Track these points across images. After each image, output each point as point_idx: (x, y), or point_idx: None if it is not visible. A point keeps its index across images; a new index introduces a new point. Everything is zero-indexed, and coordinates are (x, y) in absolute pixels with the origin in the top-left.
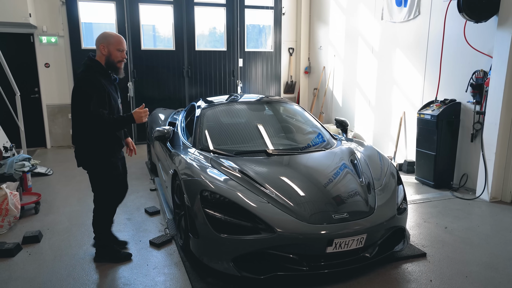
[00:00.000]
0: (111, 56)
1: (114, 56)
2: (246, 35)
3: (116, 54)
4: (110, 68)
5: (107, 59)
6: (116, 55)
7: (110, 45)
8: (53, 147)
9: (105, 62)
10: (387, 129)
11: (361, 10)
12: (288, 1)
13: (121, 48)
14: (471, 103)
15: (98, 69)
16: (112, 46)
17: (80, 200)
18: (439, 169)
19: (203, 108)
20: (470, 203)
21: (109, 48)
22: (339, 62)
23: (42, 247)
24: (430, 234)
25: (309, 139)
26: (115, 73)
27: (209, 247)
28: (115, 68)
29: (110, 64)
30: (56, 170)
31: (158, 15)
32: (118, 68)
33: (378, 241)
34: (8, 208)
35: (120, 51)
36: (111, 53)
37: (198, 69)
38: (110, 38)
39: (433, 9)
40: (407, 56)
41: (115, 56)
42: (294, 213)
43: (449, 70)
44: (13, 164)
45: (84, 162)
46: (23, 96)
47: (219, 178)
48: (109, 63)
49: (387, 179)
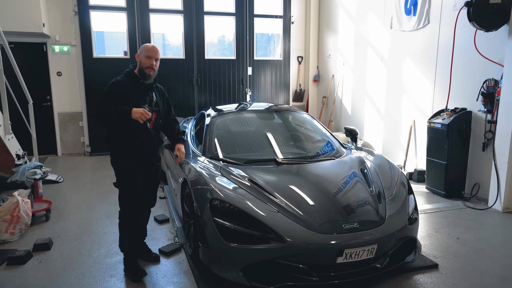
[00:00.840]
0: (141, 62)
1: (143, 62)
2: (255, 44)
3: (144, 61)
4: (141, 75)
5: (139, 66)
6: (145, 61)
7: (141, 53)
8: (64, 154)
9: (138, 70)
10: (396, 138)
11: (370, 18)
12: (297, 10)
13: (149, 54)
14: (482, 112)
15: (130, 76)
16: (142, 53)
17: (90, 207)
18: (450, 178)
19: (213, 116)
20: (483, 213)
21: (140, 56)
22: (348, 71)
23: (53, 254)
24: (442, 244)
25: (318, 148)
26: (143, 78)
27: (219, 256)
28: (144, 74)
29: (140, 70)
30: (67, 177)
31: (168, 24)
32: (146, 75)
33: (389, 251)
34: (20, 216)
35: (148, 57)
36: (141, 59)
37: (207, 77)
38: (143, 47)
39: (442, 18)
40: (417, 64)
41: (143, 62)
42: (303, 223)
43: (459, 79)
44: (25, 172)
45: (111, 161)
46: (35, 104)
47: (228, 186)
48: (139, 70)
49: (398, 189)
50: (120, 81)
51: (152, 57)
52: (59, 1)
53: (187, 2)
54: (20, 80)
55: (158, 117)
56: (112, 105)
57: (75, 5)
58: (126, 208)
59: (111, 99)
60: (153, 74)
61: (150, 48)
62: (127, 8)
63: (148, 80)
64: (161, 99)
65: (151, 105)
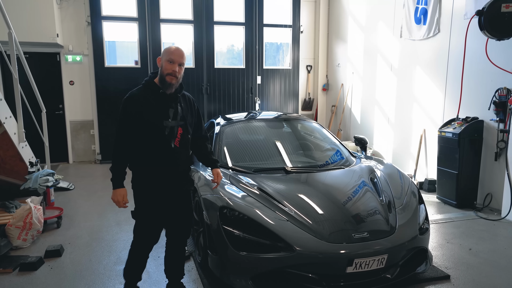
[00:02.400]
0: (162, 68)
1: (164, 68)
2: (265, 53)
3: (166, 66)
4: (161, 83)
5: (160, 73)
6: (166, 67)
7: (163, 56)
8: (75, 162)
9: (159, 77)
10: (407, 147)
11: (380, 27)
12: (306, 19)
13: (171, 58)
14: (494, 121)
15: (150, 85)
16: (164, 57)
17: (100, 215)
18: (462, 188)
19: (222, 125)
20: (496, 224)
21: (162, 59)
22: (358, 79)
23: (64, 261)
24: (454, 255)
25: (327, 157)
26: (164, 87)
27: (228, 264)
28: (164, 82)
29: (161, 78)
30: (78, 185)
31: (178, 33)
32: (166, 83)
33: (400, 261)
34: (32, 222)
35: (170, 62)
36: (162, 64)
37: (217, 86)
38: (165, 50)
39: (453, 26)
40: (427, 73)
41: (164, 68)
42: (313, 231)
43: (470, 88)
44: (38, 179)
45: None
46: (48, 112)
47: (237, 195)
48: (160, 77)
49: (408, 198)
50: (134, 96)
51: (175, 61)
52: (73, 12)
53: (198, 12)
54: (34, 89)
55: (185, 132)
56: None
57: (88, 16)
58: (140, 241)
59: (128, 127)
60: (176, 83)
61: (173, 51)
62: (138, 18)
63: (170, 89)
64: (189, 110)
65: (176, 119)
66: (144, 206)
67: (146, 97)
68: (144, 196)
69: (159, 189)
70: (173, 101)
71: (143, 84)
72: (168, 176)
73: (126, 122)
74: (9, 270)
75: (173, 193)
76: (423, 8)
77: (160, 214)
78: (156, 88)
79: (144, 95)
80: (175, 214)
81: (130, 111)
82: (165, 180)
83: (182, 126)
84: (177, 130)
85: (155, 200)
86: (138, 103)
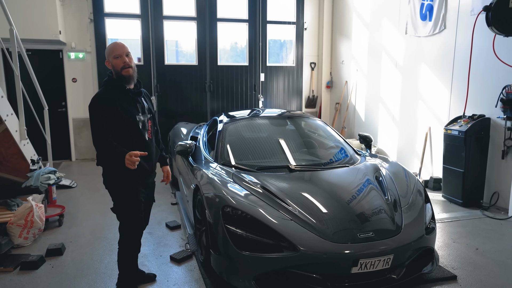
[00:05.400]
0: (114, 67)
1: (116, 66)
2: (268, 50)
3: (115, 62)
4: (121, 80)
5: (114, 72)
6: (116, 63)
7: (109, 57)
8: (78, 159)
9: (116, 76)
10: (412, 145)
11: (385, 24)
12: (310, 16)
13: (115, 54)
14: (501, 119)
15: (113, 84)
16: (110, 57)
17: (102, 213)
18: (468, 187)
19: (225, 122)
20: (503, 223)
21: (109, 60)
22: (362, 77)
23: (65, 260)
24: (460, 255)
25: (331, 155)
26: (125, 83)
27: (230, 264)
28: (122, 77)
29: (118, 76)
30: (80, 182)
31: (181, 30)
32: (125, 77)
33: (406, 262)
34: (34, 220)
35: (116, 57)
36: (112, 64)
37: (220, 83)
38: (106, 51)
39: (459, 23)
40: (433, 70)
41: (116, 65)
42: (316, 231)
43: (477, 85)
44: (39, 177)
45: (105, 182)
46: (51, 110)
47: (240, 193)
48: (117, 75)
49: (414, 197)
50: (104, 96)
51: (121, 54)
52: (75, 9)
53: (201, 9)
54: (36, 86)
55: (153, 124)
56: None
57: (91, 13)
58: (129, 237)
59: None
60: (134, 73)
61: (114, 47)
62: (141, 15)
63: (132, 82)
64: (150, 104)
65: (145, 113)
66: (125, 198)
67: (114, 95)
68: (125, 190)
69: (138, 181)
70: (139, 95)
71: (104, 86)
72: (145, 167)
73: (102, 121)
74: (10, 269)
75: (147, 183)
76: (429, 4)
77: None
78: (121, 85)
79: (111, 94)
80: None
81: (105, 109)
82: (143, 171)
83: (151, 119)
84: (147, 124)
85: (136, 192)
86: (110, 102)
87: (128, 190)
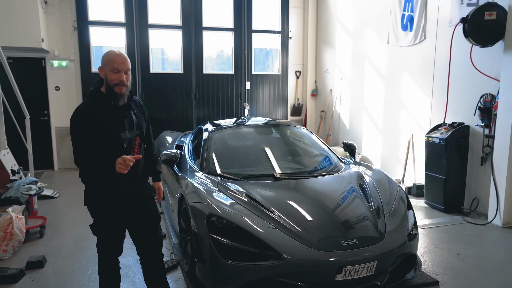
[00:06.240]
0: (108, 80)
1: (109, 79)
2: (254, 59)
3: (111, 76)
4: (110, 94)
5: (106, 84)
6: (112, 78)
7: (105, 66)
8: (61, 169)
9: (106, 89)
10: (395, 152)
11: (368, 34)
12: (294, 25)
13: (114, 67)
14: (479, 127)
15: (98, 97)
16: (106, 67)
17: (86, 223)
18: (449, 193)
19: (211, 131)
20: (482, 229)
21: (105, 69)
22: (346, 85)
23: (46, 272)
24: (442, 261)
25: (316, 163)
26: (114, 99)
27: (216, 273)
28: (113, 93)
29: (108, 89)
30: (63, 192)
31: (167, 39)
32: (116, 94)
33: (389, 268)
34: (13, 232)
35: (114, 72)
36: (106, 75)
37: (205, 91)
38: (105, 58)
39: (439, 33)
40: (414, 79)
41: (110, 79)
42: (301, 239)
43: (456, 94)
44: (20, 188)
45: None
46: (33, 118)
47: (226, 202)
48: (107, 88)
49: (397, 204)
50: (85, 110)
51: (121, 70)
52: (59, 17)
53: (186, 17)
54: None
55: (142, 141)
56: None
57: (75, 21)
58: (104, 256)
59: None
60: (126, 91)
61: (114, 59)
62: (126, 23)
63: (122, 100)
64: (142, 117)
65: (132, 129)
66: (103, 220)
67: (98, 109)
68: (103, 210)
69: (119, 202)
70: (127, 109)
71: (90, 96)
72: (127, 187)
73: (83, 138)
74: None
75: (132, 202)
76: (410, 15)
77: (117, 226)
78: (107, 99)
79: (95, 108)
80: (140, 227)
81: (85, 125)
82: (123, 192)
83: (140, 135)
84: (135, 141)
85: (115, 213)
86: (91, 117)
87: (103, 209)
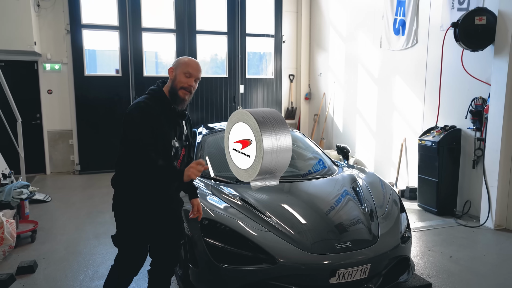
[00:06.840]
0: (176, 80)
1: (178, 81)
2: (247, 62)
3: (181, 79)
4: (172, 97)
5: (171, 85)
6: (181, 80)
7: (178, 67)
8: (53, 173)
9: (169, 90)
10: (388, 155)
11: (360, 38)
12: (288, 29)
13: (189, 71)
14: (471, 130)
15: (158, 96)
16: (179, 69)
17: (78, 227)
18: (442, 196)
19: (204, 134)
20: (475, 231)
21: (176, 71)
22: (339, 89)
23: (37, 278)
24: (435, 263)
25: (310, 166)
26: (174, 102)
27: (209, 277)
28: (176, 96)
29: (172, 91)
30: (55, 196)
31: (160, 42)
32: (179, 98)
33: (383, 271)
34: (4, 237)
35: (187, 75)
36: (176, 76)
37: (199, 95)
38: (180, 61)
39: (430, 38)
40: (407, 83)
41: (179, 81)
42: (295, 242)
43: (448, 97)
44: (11, 192)
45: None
46: (25, 122)
47: (219, 206)
48: (172, 90)
49: (390, 207)
50: (148, 107)
51: (193, 75)
52: (51, 20)
53: (180, 21)
54: (9, 98)
55: (187, 154)
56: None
57: (67, 24)
58: (122, 273)
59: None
60: (189, 99)
61: (191, 64)
62: (119, 27)
63: (181, 105)
64: (189, 131)
65: (181, 139)
66: (132, 228)
67: (156, 108)
68: (133, 220)
69: (152, 214)
70: (181, 117)
71: (150, 94)
72: (164, 201)
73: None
74: None
75: (165, 218)
76: (402, 19)
77: (147, 240)
78: (167, 101)
79: (154, 105)
80: (165, 239)
81: (145, 119)
82: (159, 204)
83: (186, 147)
84: (180, 152)
85: (145, 225)
86: (152, 116)
87: (136, 219)
